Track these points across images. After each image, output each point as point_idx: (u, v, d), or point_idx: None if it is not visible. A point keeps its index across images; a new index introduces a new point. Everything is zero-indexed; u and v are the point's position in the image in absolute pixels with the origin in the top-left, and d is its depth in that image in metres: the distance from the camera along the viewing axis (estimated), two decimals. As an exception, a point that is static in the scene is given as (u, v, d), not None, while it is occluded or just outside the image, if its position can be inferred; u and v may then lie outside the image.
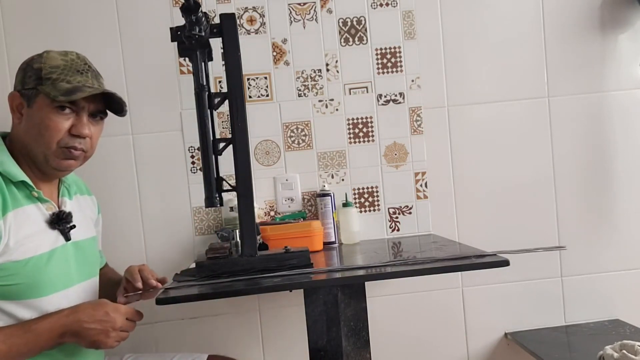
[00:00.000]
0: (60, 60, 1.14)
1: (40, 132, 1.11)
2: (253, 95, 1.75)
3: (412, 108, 1.78)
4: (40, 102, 1.11)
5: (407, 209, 1.79)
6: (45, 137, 1.10)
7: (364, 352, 1.27)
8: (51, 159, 1.13)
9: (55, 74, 1.12)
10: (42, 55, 1.15)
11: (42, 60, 1.13)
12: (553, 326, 1.82)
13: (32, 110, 1.12)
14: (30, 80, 1.12)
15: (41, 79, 1.11)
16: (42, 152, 1.12)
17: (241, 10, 1.73)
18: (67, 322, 1.07)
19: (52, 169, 1.15)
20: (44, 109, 1.10)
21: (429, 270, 1.19)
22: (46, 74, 1.11)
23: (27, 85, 1.12)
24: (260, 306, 1.77)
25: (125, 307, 1.12)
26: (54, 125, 1.11)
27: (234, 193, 1.29)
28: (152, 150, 1.72)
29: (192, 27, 1.22)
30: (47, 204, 1.16)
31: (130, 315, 1.13)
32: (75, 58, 1.17)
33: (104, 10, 1.69)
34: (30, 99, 1.12)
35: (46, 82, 1.11)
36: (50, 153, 1.12)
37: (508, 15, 1.80)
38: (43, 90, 1.10)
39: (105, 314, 1.08)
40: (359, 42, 1.76)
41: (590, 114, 1.83)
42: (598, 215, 1.84)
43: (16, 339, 1.03)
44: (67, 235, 1.17)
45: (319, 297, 1.23)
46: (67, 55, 1.16)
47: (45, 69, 1.12)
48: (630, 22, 1.82)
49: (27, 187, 1.12)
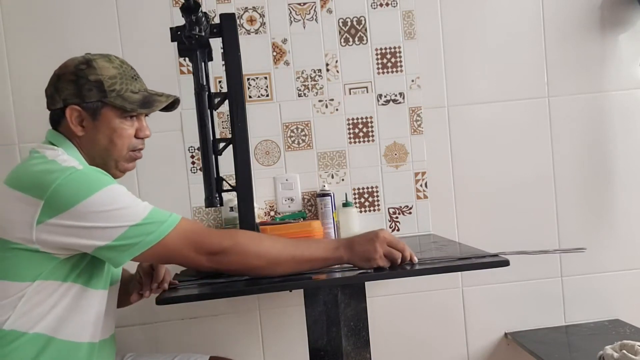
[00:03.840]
0: (113, 68, 1.16)
1: (113, 141, 1.16)
2: (253, 95, 1.75)
3: (412, 108, 1.78)
4: (108, 114, 1.15)
5: (407, 209, 1.79)
6: (118, 145, 1.16)
7: (364, 352, 1.26)
8: (121, 164, 1.19)
9: (116, 84, 1.15)
10: (90, 64, 1.14)
11: (96, 72, 1.13)
12: (553, 326, 1.82)
13: (99, 123, 1.15)
14: (91, 94, 1.13)
15: (105, 91, 1.13)
16: (115, 158, 1.17)
17: (241, 10, 1.73)
18: (340, 241, 1.19)
19: (119, 172, 1.20)
20: (114, 120, 1.15)
21: (429, 270, 1.19)
22: (109, 87, 1.14)
23: (89, 98, 1.13)
24: (260, 306, 1.77)
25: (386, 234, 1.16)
26: (126, 133, 1.17)
27: (234, 193, 1.29)
28: (152, 150, 1.71)
29: (192, 27, 1.22)
30: None
31: None
32: (122, 63, 1.19)
33: (104, 11, 1.69)
34: (95, 111, 1.14)
35: (111, 95, 1.14)
36: (122, 158, 1.18)
37: (508, 15, 1.80)
38: (112, 102, 1.14)
39: (372, 238, 1.14)
40: (359, 42, 1.76)
41: (590, 114, 1.83)
42: (598, 215, 1.84)
43: (300, 243, 1.16)
44: None
45: (319, 297, 1.23)
46: (112, 60, 1.17)
47: (106, 82, 1.13)
48: (630, 22, 1.82)
49: None
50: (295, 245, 1.14)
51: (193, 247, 1.07)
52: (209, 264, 1.09)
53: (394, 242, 1.15)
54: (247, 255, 1.10)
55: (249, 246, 1.10)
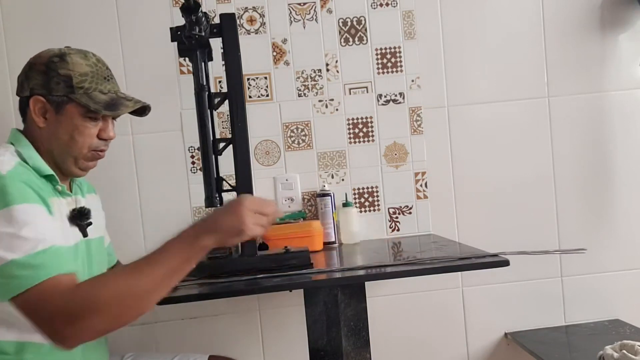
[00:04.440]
0: (86, 66, 1.14)
1: (74, 138, 1.13)
2: (253, 95, 1.75)
3: (412, 108, 1.78)
4: (72, 110, 1.13)
5: (407, 209, 1.79)
6: (78, 142, 1.14)
7: (364, 352, 1.27)
8: (80, 162, 1.16)
9: (86, 82, 1.13)
10: (63, 58, 1.13)
11: (68, 67, 1.12)
12: (553, 326, 1.82)
13: (62, 117, 1.13)
14: (59, 88, 1.12)
15: (72, 87, 1.12)
16: (74, 155, 1.15)
17: (241, 10, 1.73)
18: (195, 226, 1.03)
19: (78, 170, 1.17)
20: (77, 117, 1.13)
21: (429, 270, 1.19)
22: (77, 83, 1.12)
23: (56, 92, 1.12)
24: (260, 306, 1.77)
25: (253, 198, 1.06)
26: (88, 132, 1.14)
27: (234, 193, 1.29)
28: (152, 150, 1.72)
29: (192, 27, 1.22)
30: (68, 198, 1.17)
31: None
32: (97, 62, 1.17)
33: (104, 11, 1.69)
34: (59, 105, 1.12)
35: (78, 92, 1.12)
36: (82, 156, 1.15)
37: (508, 15, 1.80)
38: (78, 100, 1.12)
39: (235, 203, 1.04)
40: (359, 42, 1.76)
41: (590, 114, 1.83)
42: (598, 215, 1.84)
43: (151, 260, 1.01)
44: (85, 232, 1.18)
45: (319, 297, 1.23)
46: (88, 58, 1.16)
47: (75, 77, 1.12)
48: (630, 22, 1.82)
49: (52, 181, 1.13)
50: (147, 265, 1.00)
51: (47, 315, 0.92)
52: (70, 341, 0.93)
53: (260, 205, 1.05)
54: (99, 309, 0.93)
55: (99, 298, 0.93)
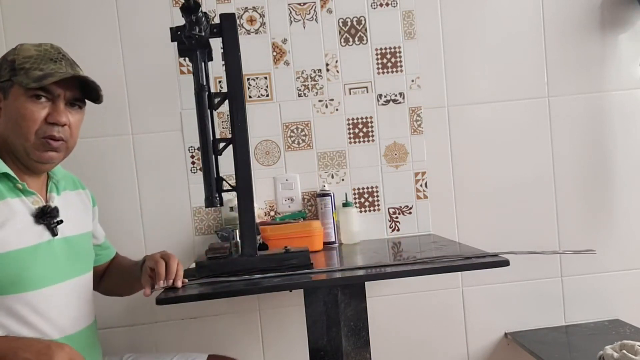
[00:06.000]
0: (34, 50, 1.14)
1: (18, 123, 1.09)
2: (253, 95, 1.75)
3: (412, 108, 1.78)
4: (15, 92, 1.11)
5: (407, 209, 1.79)
6: (22, 127, 1.09)
7: (364, 352, 1.27)
8: (31, 151, 1.11)
9: (28, 63, 1.11)
10: (16, 47, 1.15)
11: (15, 52, 1.13)
12: (553, 326, 1.82)
13: (9, 102, 1.11)
14: (5, 73, 1.12)
15: (15, 69, 1.11)
16: (22, 144, 1.11)
17: (241, 10, 1.73)
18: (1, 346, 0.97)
19: (34, 162, 1.13)
20: (19, 99, 1.09)
21: (429, 270, 1.19)
22: (19, 65, 1.11)
23: (3, 77, 1.11)
24: (260, 306, 1.77)
25: (72, 351, 0.99)
26: (30, 114, 1.09)
27: (234, 193, 1.29)
28: (152, 150, 1.72)
29: (192, 27, 1.22)
30: (32, 197, 1.14)
31: None
32: (49, 48, 1.16)
33: (104, 11, 1.69)
34: (6, 91, 1.12)
35: (20, 72, 1.10)
36: (30, 145, 1.10)
37: (508, 15, 1.80)
38: (17, 80, 1.10)
39: (47, 347, 0.97)
40: (359, 42, 1.76)
41: (590, 114, 1.83)
42: (598, 215, 1.84)
43: None
44: (53, 231, 1.15)
45: (319, 297, 1.23)
46: (41, 46, 1.16)
47: (18, 60, 1.11)
48: (630, 22, 1.82)
49: (11, 179, 1.11)
50: None
51: None
52: None
53: None
54: None
55: None
